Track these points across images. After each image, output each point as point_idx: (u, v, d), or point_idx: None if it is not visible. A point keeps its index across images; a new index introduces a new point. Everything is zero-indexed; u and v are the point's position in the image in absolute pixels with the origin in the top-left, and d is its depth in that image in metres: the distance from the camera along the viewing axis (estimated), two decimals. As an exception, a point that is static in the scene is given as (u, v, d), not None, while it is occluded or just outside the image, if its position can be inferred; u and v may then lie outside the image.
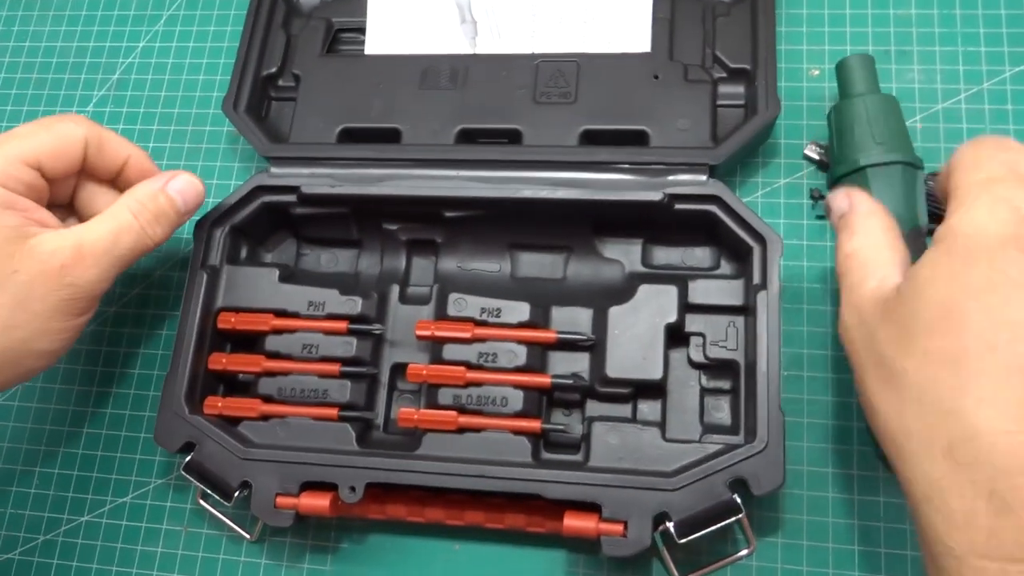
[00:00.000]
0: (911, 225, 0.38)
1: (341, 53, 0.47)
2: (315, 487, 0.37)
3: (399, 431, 0.40)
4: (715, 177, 0.39)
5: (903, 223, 0.38)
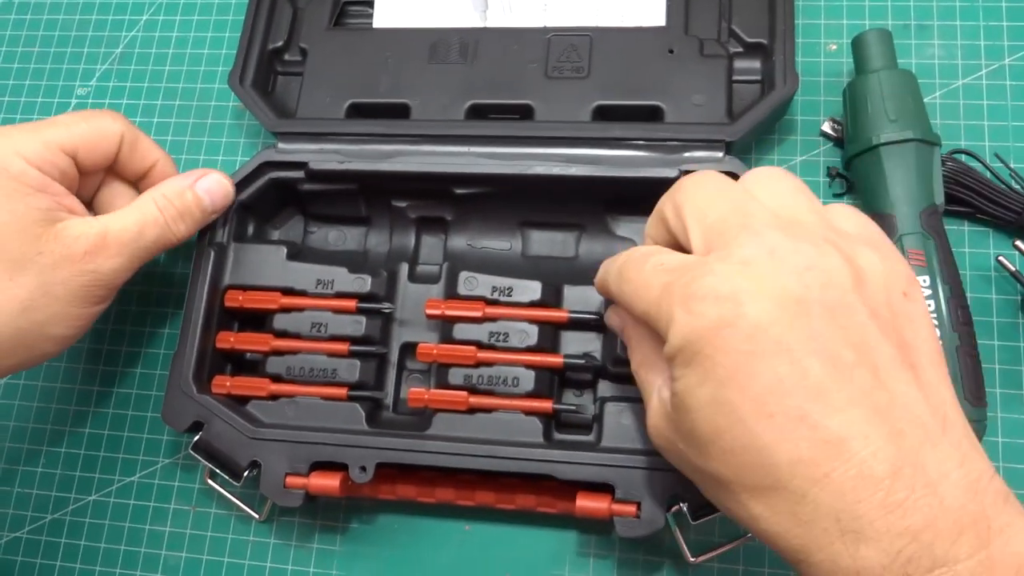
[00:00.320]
0: (927, 203, 0.37)
1: (349, 26, 0.46)
2: (325, 467, 0.37)
3: (409, 411, 0.40)
4: (731, 154, 0.39)
5: (918, 201, 0.38)
